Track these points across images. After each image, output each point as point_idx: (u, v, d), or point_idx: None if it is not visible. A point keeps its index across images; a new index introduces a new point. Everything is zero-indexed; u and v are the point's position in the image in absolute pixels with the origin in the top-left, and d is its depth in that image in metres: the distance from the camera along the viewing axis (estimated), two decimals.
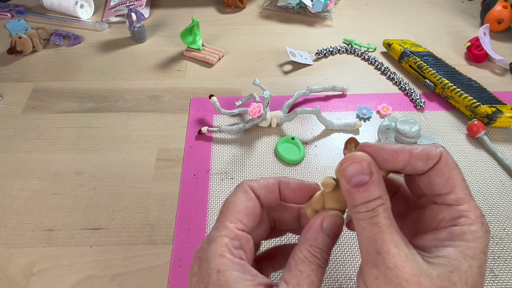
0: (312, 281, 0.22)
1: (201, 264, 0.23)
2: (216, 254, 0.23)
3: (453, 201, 0.23)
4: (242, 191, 0.26)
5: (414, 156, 0.23)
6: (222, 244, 0.23)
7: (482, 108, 0.51)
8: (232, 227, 0.24)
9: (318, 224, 0.24)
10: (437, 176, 0.23)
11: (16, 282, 0.38)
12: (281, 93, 0.57)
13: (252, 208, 0.25)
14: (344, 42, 0.67)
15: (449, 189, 0.23)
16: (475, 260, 0.21)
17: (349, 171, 0.22)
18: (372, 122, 0.53)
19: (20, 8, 0.74)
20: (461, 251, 0.21)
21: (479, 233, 0.22)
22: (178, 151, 0.50)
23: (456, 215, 0.22)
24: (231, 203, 0.25)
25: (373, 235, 0.21)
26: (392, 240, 0.21)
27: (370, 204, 0.21)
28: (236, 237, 0.24)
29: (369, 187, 0.22)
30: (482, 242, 0.22)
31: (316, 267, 0.23)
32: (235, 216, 0.25)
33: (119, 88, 0.59)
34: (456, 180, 0.23)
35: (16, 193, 0.46)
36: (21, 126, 0.54)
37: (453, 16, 0.74)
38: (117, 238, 0.42)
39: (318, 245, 0.23)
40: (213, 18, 0.73)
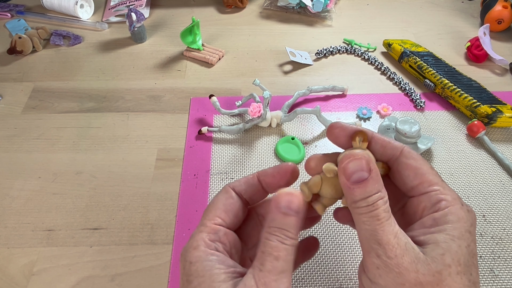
0: (275, 257, 0.22)
1: (181, 259, 0.24)
2: (191, 248, 0.24)
3: (428, 188, 0.24)
4: (222, 191, 0.27)
5: (374, 139, 0.26)
6: (198, 238, 0.24)
7: (482, 108, 0.51)
8: (209, 223, 0.25)
9: (273, 205, 0.24)
10: (406, 169, 0.25)
11: (16, 282, 0.38)
12: (281, 93, 0.57)
13: (231, 205, 0.26)
14: (344, 42, 0.67)
15: (420, 178, 0.24)
16: (462, 240, 0.22)
17: (349, 168, 0.23)
18: (372, 122, 0.53)
19: (20, 8, 0.74)
20: (448, 233, 0.22)
21: (461, 213, 0.23)
22: (178, 151, 0.50)
23: (435, 201, 0.23)
24: (211, 204, 0.27)
25: (373, 227, 0.22)
26: (391, 231, 0.22)
27: (370, 199, 0.22)
28: (212, 231, 0.25)
29: (368, 183, 0.22)
30: (466, 222, 0.22)
31: (277, 244, 0.23)
32: (213, 213, 0.26)
33: (119, 88, 0.59)
34: (424, 168, 0.24)
35: (16, 193, 0.46)
36: (21, 126, 0.54)
37: (453, 16, 0.74)
38: (117, 238, 0.42)
39: (276, 225, 0.23)
40: (213, 18, 0.73)
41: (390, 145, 0.25)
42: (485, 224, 0.43)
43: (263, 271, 0.22)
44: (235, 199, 0.27)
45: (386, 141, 0.25)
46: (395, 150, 0.25)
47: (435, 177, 0.24)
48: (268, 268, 0.22)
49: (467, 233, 0.22)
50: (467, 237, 0.22)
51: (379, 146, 0.26)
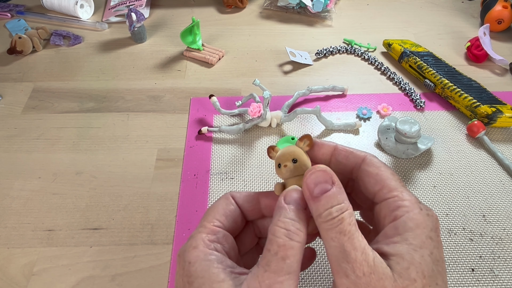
0: (281, 258, 0.21)
1: (179, 260, 0.24)
2: (191, 248, 0.24)
3: (387, 195, 0.24)
4: (223, 197, 0.27)
5: (338, 149, 0.27)
6: (198, 238, 0.24)
7: (482, 108, 0.51)
8: (209, 225, 0.25)
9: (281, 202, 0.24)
10: (367, 176, 0.25)
11: (16, 282, 0.38)
12: (281, 93, 0.57)
13: (231, 211, 0.26)
14: (344, 42, 0.67)
15: (380, 184, 0.24)
16: (424, 248, 0.21)
17: (312, 180, 0.23)
18: (372, 122, 0.53)
19: (20, 8, 0.74)
20: (409, 243, 0.21)
21: (419, 219, 0.22)
22: (178, 151, 0.50)
23: (393, 207, 0.23)
24: (211, 207, 0.27)
25: (340, 243, 0.21)
26: (359, 247, 0.21)
27: (333, 210, 0.22)
28: (211, 231, 0.25)
29: (332, 194, 0.22)
30: (426, 227, 0.22)
31: (284, 241, 0.22)
32: (213, 216, 0.26)
33: (119, 88, 0.59)
34: (385, 175, 0.24)
35: (16, 193, 0.46)
36: (21, 126, 0.54)
37: (453, 16, 0.74)
38: (117, 238, 0.42)
39: (286, 216, 0.23)
40: (213, 18, 0.73)
41: (353, 155, 0.26)
42: (485, 224, 0.43)
43: (268, 272, 0.21)
44: (234, 206, 0.27)
45: (349, 151, 0.26)
46: (358, 159, 0.26)
47: (395, 183, 0.24)
48: (273, 268, 0.21)
49: (428, 240, 0.22)
50: (428, 244, 0.21)
51: (342, 156, 0.26)
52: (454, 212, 0.44)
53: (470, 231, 0.42)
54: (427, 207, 0.23)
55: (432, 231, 0.22)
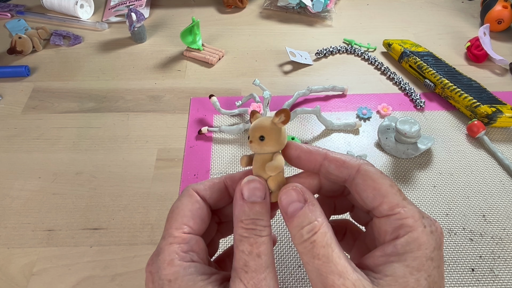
0: (257, 255, 0.21)
1: (153, 278, 0.22)
2: (165, 263, 0.22)
3: (388, 211, 0.22)
4: (186, 195, 0.25)
5: (328, 158, 0.24)
6: (170, 251, 0.22)
7: (482, 108, 0.51)
8: (178, 233, 0.23)
9: (239, 197, 0.23)
10: (364, 190, 0.23)
11: (16, 282, 0.38)
12: (281, 93, 0.57)
13: (198, 211, 0.24)
14: (344, 42, 0.67)
15: (380, 199, 0.22)
16: (422, 271, 0.20)
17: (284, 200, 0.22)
18: (372, 122, 0.53)
19: (20, 8, 0.74)
20: (407, 265, 0.20)
21: (422, 238, 0.21)
22: (178, 151, 0.50)
23: (396, 225, 0.21)
24: (175, 210, 0.24)
25: (316, 268, 0.20)
26: (335, 270, 0.20)
27: (304, 231, 0.21)
28: (183, 241, 0.23)
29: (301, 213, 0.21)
30: (428, 247, 0.21)
31: (255, 239, 0.21)
32: (180, 221, 0.23)
33: (119, 88, 0.59)
34: (383, 188, 0.22)
35: (16, 193, 0.46)
36: (21, 126, 0.54)
37: (453, 16, 0.74)
38: (117, 238, 0.42)
39: (248, 216, 0.22)
40: (213, 18, 0.73)
41: (346, 164, 0.24)
42: (485, 224, 0.43)
43: (249, 272, 0.21)
44: (200, 204, 0.25)
45: (341, 161, 0.24)
46: (351, 169, 0.23)
47: (396, 197, 0.22)
48: (253, 268, 0.21)
49: (428, 261, 0.20)
50: (428, 266, 0.20)
51: (334, 166, 0.24)
52: (454, 212, 0.44)
53: (470, 231, 0.42)
54: (431, 221, 0.22)
55: (434, 251, 0.21)
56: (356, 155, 0.49)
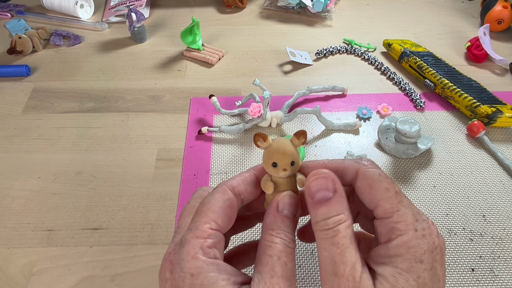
0: (284, 262, 0.22)
1: (173, 268, 0.22)
2: (189, 256, 0.22)
3: (383, 214, 0.23)
4: (220, 191, 0.25)
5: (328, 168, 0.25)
6: (195, 245, 0.22)
7: (482, 108, 0.51)
8: (205, 228, 0.23)
9: (274, 208, 0.24)
10: (362, 193, 0.24)
11: (16, 282, 0.38)
12: (281, 93, 0.57)
13: (228, 209, 0.24)
14: (344, 42, 0.67)
15: (375, 203, 0.23)
16: (411, 273, 0.21)
17: (314, 186, 0.22)
18: (372, 122, 0.53)
19: (20, 8, 0.74)
20: (396, 266, 0.21)
21: (412, 242, 0.21)
22: (178, 151, 0.50)
23: (389, 228, 0.22)
24: (206, 204, 0.24)
25: (332, 255, 0.21)
26: (349, 261, 0.21)
27: (330, 221, 0.21)
28: (209, 236, 0.23)
29: (331, 203, 0.22)
30: (417, 250, 0.21)
31: (284, 248, 0.22)
32: (210, 217, 0.24)
33: (119, 88, 0.59)
34: (379, 192, 0.23)
35: (16, 193, 0.46)
36: (21, 126, 0.54)
37: (453, 16, 0.74)
38: (117, 238, 0.42)
39: (279, 227, 0.23)
40: (213, 18, 0.73)
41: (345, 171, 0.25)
42: (485, 224, 0.43)
43: (274, 277, 0.21)
44: (232, 202, 0.25)
45: (341, 168, 0.25)
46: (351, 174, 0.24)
47: (390, 201, 0.23)
48: (279, 273, 0.22)
49: (417, 264, 0.21)
50: (417, 268, 0.21)
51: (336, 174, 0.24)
52: (454, 212, 0.44)
53: (470, 231, 0.42)
54: (425, 224, 0.22)
55: (425, 253, 0.21)
56: (356, 155, 0.49)
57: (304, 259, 0.40)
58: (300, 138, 0.24)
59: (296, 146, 0.25)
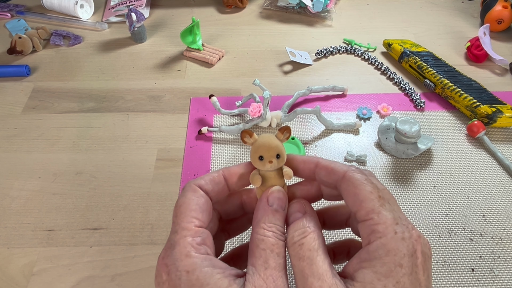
0: (276, 254, 0.23)
1: (169, 270, 0.22)
2: (182, 256, 0.22)
3: (364, 216, 0.23)
4: (190, 190, 0.26)
5: (319, 166, 0.26)
6: (186, 244, 0.23)
7: (482, 108, 0.51)
8: (190, 226, 0.24)
9: (264, 203, 0.25)
10: (347, 195, 0.24)
11: (16, 282, 0.38)
12: (281, 93, 0.57)
13: (204, 204, 0.25)
14: (344, 42, 0.67)
15: (358, 205, 0.23)
16: (390, 277, 0.21)
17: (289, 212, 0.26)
18: (372, 122, 0.53)
19: (20, 8, 0.74)
20: (375, 271, 0.21)
21: (391, 245, 0.21)
22: (178, 151, 0.50)
23: (369, 231, 0.22)
24: (182, 205, 0.25)
25: (300, 270, 0.22)
26: (316, 273, 0.21)
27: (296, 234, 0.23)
28: (196, 233, 0.24)
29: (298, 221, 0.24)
30: (397, 254, 0.21)
31: (276, 241, 0.23)
32: (189, 215, 0.24)
33: (119, 88, 0.59)
34: (362, 194, 0.23)
35: (16, 193, 0.46)
36: (21, 126, 0.54)
37: (453, 16, 0.74)
38: (117, 238, 0.42)
39: (270, 221, 0.24)
40: (213, 18, 0.73)
41: (334, 171, 0.25)
42: (485, 224, 0.43)
43: (268, 269, 0.22)
44: (205, 198, 0.26)
45: (330, 168, 0.26)
46: (338, 175, 0.25)
47: (372, 203, 0.23)
48: (272, 265, 0.22)
49: (397, 268, 0.21)
50: (396, 272, 0.21)
51: (324, 173, 0.26)
52: (454, 212, 0.44)
53: (470, 231, 0.42)
54: (407, 227, 0.22)
55: (405, 257, 0.21)
56: (356, 155, 0.49)
57: None
58: (284, 133, 0.26)
59: (281, 140, 0.26)
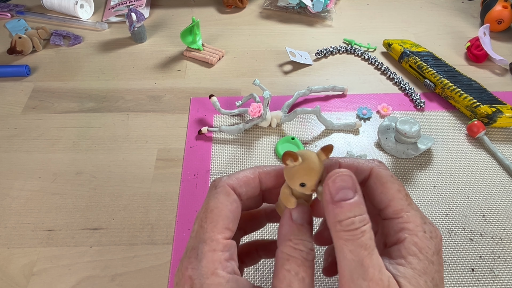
0: (302, 278, 0.21)
1: (193, 284, 0.21)
2: (209, 272, 0.21)
3: (392, 215, 0.23)
4: (223, 193, 0.24)
5: (342, 166, 0.25)
6: (214, 259, 0.22)
7: (482, 108, 0.51)
8: (221, 238, 0.22)
9: (288, 218, 0.23)
10: (373, 192, 0.24)
11: (16, 282, 0.38)
12: (281, 93, 0.57)
13: (236, 210, 0.24)
14: (344, 42, 0.67)
15: (386, 203, 0.23)
16: (427, 275, 0.21)
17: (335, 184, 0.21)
18: (372, 122, 0.53)
19: (20, 8, 0.74)
20: (413, 267, 0.21)
21: (423, 243, 0.22)
22: (178, 151, 0.50)
23: (398, 229, 0.22)
24: (214, 209, 0.23)
25: (359, 258, 0.20)
26: (376, 265, 0.20)
27: (356, 220, 0.20)
28: (225, 247, 0.22)
29: (355, 203, 0.21)
30: (428, 251, 0.22)
31: (302, 261, 0.21)
32: (222, 224, 0.23)
33: (119, 88, 0.59)
34: (391, 192, 0.23)
35: (16, 193, 0.46)
36: (21, 126, 0.54)
37: (453, 16, 0.74)
38: (117, 238, 0.42)
39: (297, 236, 0.22)
40: (213, 18, 0.73)
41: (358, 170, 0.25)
42: (485, 224, 0.43)
43: None
44: (238, 204, 0.24)
45: (355, 166, 0.25)
46: (365, 173, 0.25)
47: (401, 202, 0.23)
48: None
49: (430, 265, 0.21)
50: (430, 269, 0.21)
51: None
52: (454, 212, 0.44)
53: (470, 231, 0.42)
54: (432, 227, 0.23)
55: (434, 255, 0.22)
56: (356, 155, 0.49)
57: None
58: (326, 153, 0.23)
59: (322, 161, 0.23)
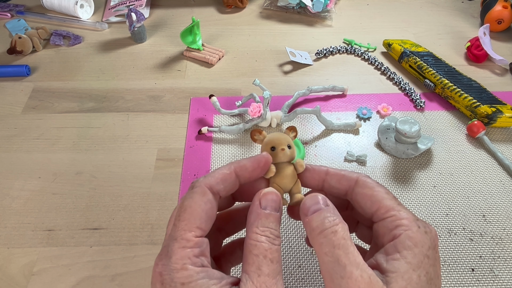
0: (270, 260, 0.22)
1: (163, 280, 0.22)
2: (178, 268, 0.22)
3: (385, 214, 0.24)
4: (199, 192, 0.24)
5: (329, 174, 0.27)
6: (183, 256, 0.22)
7: (482, 108, 0.51)
8: (191, 236, 0.23)
9: (256, 206, 0.24)
10: (362, 198, 0.25)
11: (16, 282, 0.38)
12: (281, 93, 0.57)
13: (210, 210, 0.24)
14: (344, 42, 0.67)
15: (377, 204, 0.24)
16: (421, 268, 0.21)
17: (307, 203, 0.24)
18: (372, 122, 0.53)
19: (20, 8, 0.74)
20: (408, 261, 0.22)
21: (418, 237, 0.22)
22: (178, 151, 0.50)
23: (392, 226, 0.23)
24: (188, 209, 0.24)
25: (336, 258, 0.21)
26: (354, 262, 0.21)
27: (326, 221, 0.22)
28: (196, 245, 0.23)
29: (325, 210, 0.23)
30: (423, 245, 0.22)
31: (269, 246, 0.23)
32: (193, 223, 0.23)
33: (119, 88, 0.59)
34: (380, 195, 0.24)
35: (16, 193, 0.46)
36: (21, 126, 0.54)
37: (453, 16, 0.74)
38: (117, 238, 0.42)
39: (263, 225, 0.23)
40: (213, 18, 0.73)
41: (345, 178, 0.26)
42: (485, 224, 0.43)
43: (261, 276, 0.22)
44: (212, 204, 0.24)
45: (341, 175, 0.26)
46: (350, 181, 0.26)
47: (391, 202, 0.24)
48: (266, 272, 0.22)
49: (425, 259, 0.22)
50: (425, 263, 0.22)
51: (335, 180, 0.26)
52: (454, 212, 0.44)
53: (470, 231, 0.42)
54: (426, 224, 0.23)
55: (429, 249, 0.22)
56: (356, 155, 0.49)
57: (304, 259, 0.40)
58: (292, 131, 0.29)
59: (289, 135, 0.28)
